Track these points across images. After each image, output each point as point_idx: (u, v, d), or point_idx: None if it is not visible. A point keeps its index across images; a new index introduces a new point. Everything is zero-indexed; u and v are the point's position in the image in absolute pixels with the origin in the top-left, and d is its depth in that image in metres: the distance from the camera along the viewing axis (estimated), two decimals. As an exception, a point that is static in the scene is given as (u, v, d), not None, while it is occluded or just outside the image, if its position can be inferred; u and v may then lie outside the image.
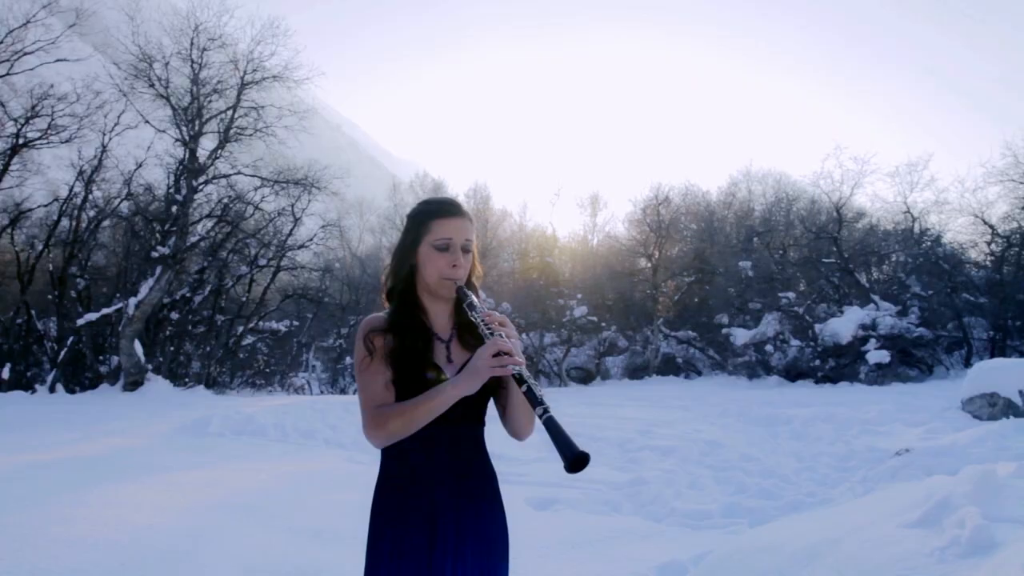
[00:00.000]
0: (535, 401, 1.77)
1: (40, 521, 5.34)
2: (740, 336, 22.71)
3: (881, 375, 19.88)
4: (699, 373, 25.72)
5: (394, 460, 2.04)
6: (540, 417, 1.75)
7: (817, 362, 21.20)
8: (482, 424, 2.11)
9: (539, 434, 6.77)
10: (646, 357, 26.54)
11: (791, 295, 22.51)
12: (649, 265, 27.71)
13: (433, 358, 2.03)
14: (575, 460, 1.66)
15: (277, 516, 5.84)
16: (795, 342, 21.90)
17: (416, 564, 1.94)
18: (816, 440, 10.56)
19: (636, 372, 26.27)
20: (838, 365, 20.90)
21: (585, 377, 26.70)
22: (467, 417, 2.04)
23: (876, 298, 21.55)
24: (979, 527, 2.71)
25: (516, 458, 8.85)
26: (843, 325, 20.68)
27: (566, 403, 15.83)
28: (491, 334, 1.90)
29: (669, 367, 26.03)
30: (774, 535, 4.21)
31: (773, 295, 22.84)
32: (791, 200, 28.29)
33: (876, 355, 19.74)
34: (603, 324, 26.80)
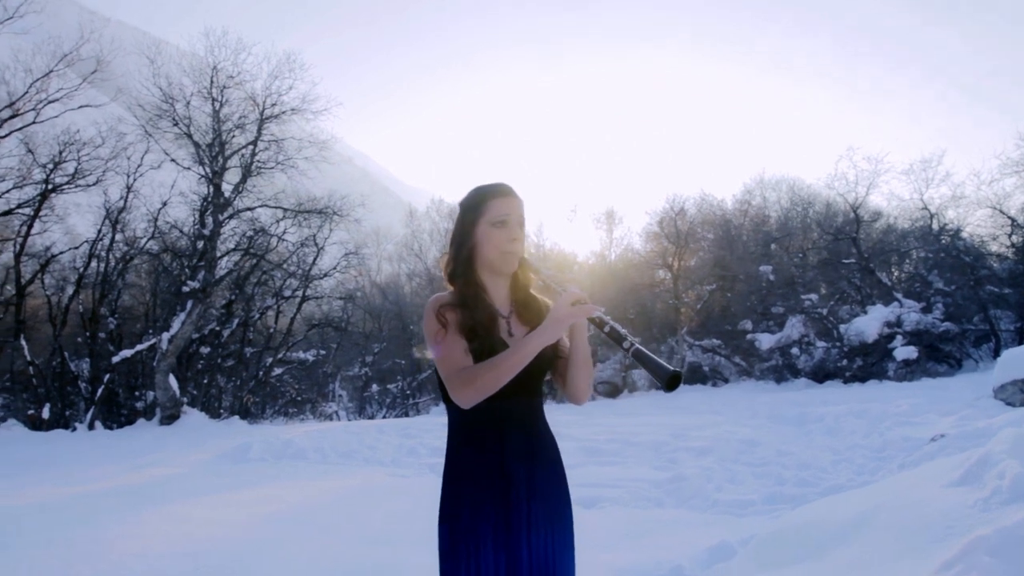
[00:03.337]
0: (620, 337, 1.92)
1: (105, 539, 5.55)
2: (765, 341, 22.73)
3: (910, 372, 19.84)
4: (726, 380, 25.67)
5: (471, 430, 2.17)
6: (628, 350, 1.90)
7: (844, 362, 21.17)
8: (541, 396, 2.26)
9: (572, 442, 6.94)
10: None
11: (814, 297, 22.54)
12: (669, 276, 27.81)
13: (498, 332, 2.19)
14: (671, 378, 1.81)
15: (330, 526, 6.02)
16: (821, 343, 21.89)
17: (495, 519, 2.09)
18: (850, 434, 10.60)
19: (663, 383, 26.26)
20: (866, 364, 20.87)
21: (612, 391, 26.71)
22: (527, 390, 2.19)
23: (899, 296, 21.54)
24: (1019, 475, 2.84)
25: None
26: (868, 324, 20.68)
27: (596, 416, 15.94)
28: (564, 289, 2.06)
29: (696, 376, 26.02)
30: (819, 511, 4.33)
31: (795, 298, 22.88)
32: (807, 204, 28.36)
33: (903, 351, 19.71)
34: (627, 337, 26.87)
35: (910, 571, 2.33)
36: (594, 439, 11.21)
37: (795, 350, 22.18)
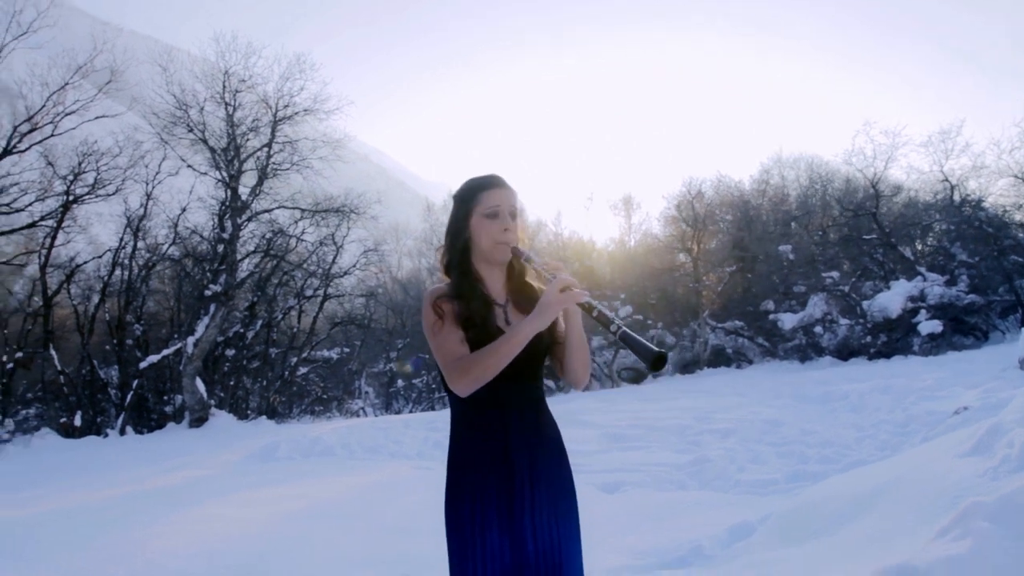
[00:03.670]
0: (607, 321, 1.97)
1: (138, 540, 5.68)
2: (788, 321, 22.64)
3: (935, 346, 19.69)
4: (750, 362, 25.61)
5: (471, 419, 2.23)
6: (615, 333, 1.95)
7: (868, 339, 21.04)
8: (541, 382, 2.32)
9: (595, 429, 6.99)
10: (695, 351, 26.53)
11: (835, 275, 22.40)
12: (689, 260, 27.73)
13: (494, 320, 2.24)
14: (656, 358, 1.85)
15: (355, 519, 6.11)
16: (844, 321, 21.76)
17: (497, 504, 2.15)
18: (875, 411, 10.58)
19: (687, 367, 26.26)
20: (890, 339, 20.73)
21: (636, 377, 26.74)
22: (527, 375, 2.25)
23: (922, 269, 21.35)
24: (1028, 443, 2.85)
25: (581, 451, 9.07)
26: (891, 299, 20.53)
27: (620, 402, 15.97)
28: (551, 275, 2.11)
29: (720, 359, 25.99)
30: (837, 486, 4.35)
31: (816, 276, 22.74)
32: (826, 181, 28.15)
33: (928, 325, 19.56)
34: (649, 322, 26.88)
35: (922, 541, 2.36)
36: (617, 425, 11.26)
37: (818, 328, 22.08)
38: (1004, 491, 2.13)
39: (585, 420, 12.19)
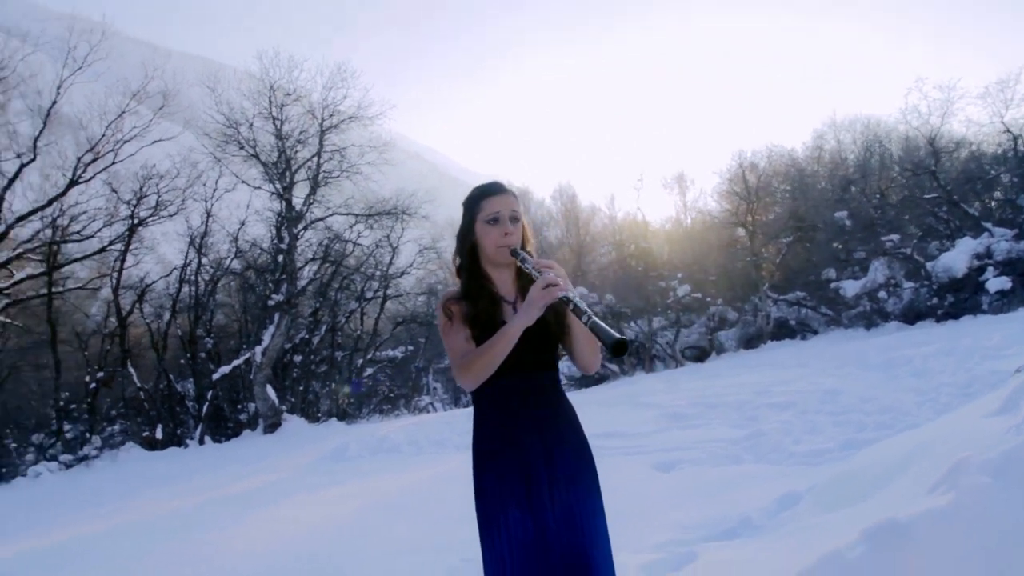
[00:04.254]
0: (580, 312, 2.12)
1: (219, 542, 6.03)
2: (850, 288, 22.24)
3: (1006, 303, 19.13)
4: (815, 332, 25.19)
5: (485, 410, 2.42)
6: (586, 323, 2.10)
7: (935, 300, 20.54)
8: (555, 370, 2.48)
9: (656, 410, 7.13)
10: (758, 325, 26.23)
11: (895, 238, 21.90)
12: (745, 233, 27.42)
13: (503, 317, 2.41)
14: (614, 344, 2.00)
15: (421, 509, 6.36)
16: (908, 284, 21.28)
17: (515, 484, 2.31)
18: (938, 374, 10.41)
19: (751, 342, 25.98)
20: (957, 300, 20.20)
21: (700, 355, 26.57)
22: (540, 364, 2.42)
23: (989, 225, 20.74)
24: (1050, 398, 2.90)
25: (638, 432, 9.20)
26: (956, 258, 20.02)
27: (682, 382, 15.97)
28: (539, 273, 2.26)
29: (783, 331, 25.64)
30: (879, 453, 4.40)
31: (877, 241, 22.27)
32: (883, 142, 27.50)
33: (996, 283, 19.02)
34: (708, 300, 26.70)
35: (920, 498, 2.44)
36: (677, 404, 11.32)
37: (882, 294, 21.63)
38: (1008, 446, 2.20)
39: (646, 401, 12.29)
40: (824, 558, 2.13)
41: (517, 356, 2.29)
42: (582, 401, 12.54)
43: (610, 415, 11.01)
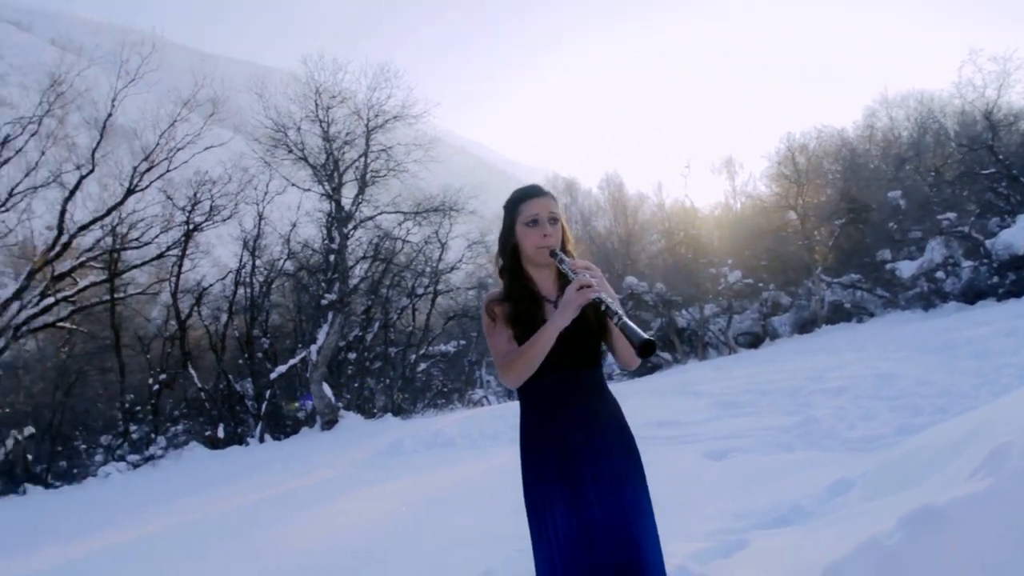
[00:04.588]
0: (612, 313, 2.17)
1: (280, 535, 6.23)
2: (906, 268, 21.76)
3: (1071, 279, 18.58)
4: (871, 314, 24.70)
5: (528, 408, 2.49)
6: (616, 324, 2.15)
7: (995, 279, 19.99)
8: (598, 366, 2.53)
9: (708, 398, 7.13)
10: (812, 309, 25.84)
11: (952, 216, 21.36)
12: (796, 216, 26.98)
13: (545, 316, 2.46)
14: (642, 345, 2.05)
15: (475, 501, 6.46)
16: (967, 263, 20.75)
17: (559, 479, 2.37)
18: (998, 355, 10.16)
19: (805, 326, 25.58)
20: (1019, 278, 19.62)
21: (754, 341, 26.28)
22: (581, 362, 2.47)
23: (1051, 199, 20.15)
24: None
25: (691, 421, 9.19)
26: (1017, 235, 19.45)
27: (735, 369, 15.85)
28: (575, 275, 2.32)
29: (839, 315, 25.19)
30: (931, 437, 4.35)
31: (933, 220, 21.74)
32: (937, 117, 26.82)
33: (1060, 258, 18.47)
34: (760, 285, 26.39)
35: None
36: (729, 392, 11.26)
37: (940, 274, 21.11)
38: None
39: (699, 390, 12.23)
40: (861, 545, 2.14)
41: (558, 355, 2.35)
42: (634, 390, 12.56)
43: (662, 404, 11.00)
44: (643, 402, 11.40)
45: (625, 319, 2.14)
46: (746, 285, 26.07)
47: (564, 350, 2.36)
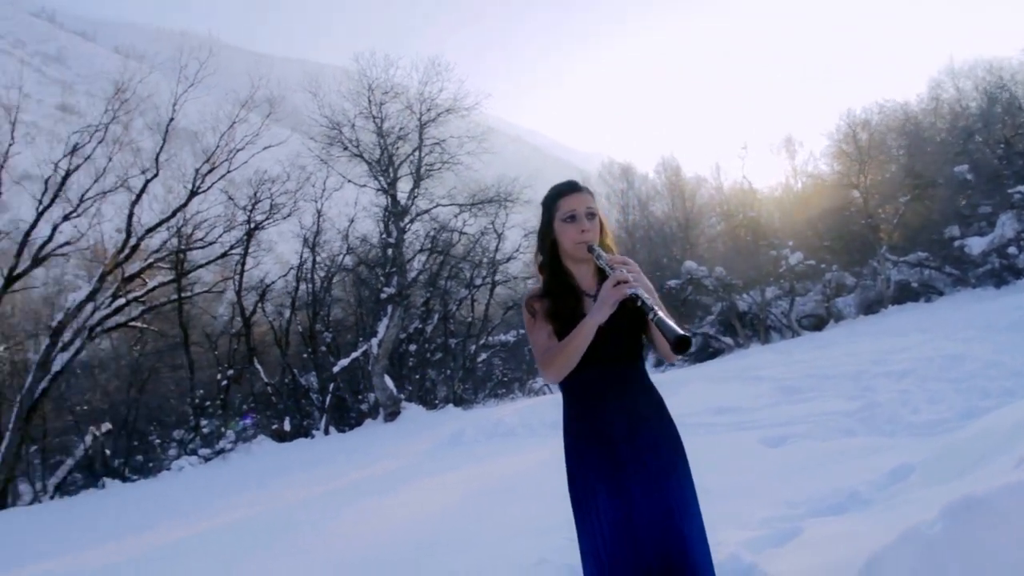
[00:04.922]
0: (647, 309, 2.18)
1: (345, 526, 6.40)
2: (976, 245, 21.12)
3: None
4: (940, 293, 24.01)
5: (570, 402, 2.51)
6: (652, 320, 2.16)
7: (1072, 253, 19.30)
8: (639, 360, 2.54)
9: (768, 383, 7.07)
10: (878, 289, 25.20)
11: (1023, 189, 20.62)
12: (859, 194, 26.31)
13: (584, 310, 2.48)
14: (677, 341, 2.06)
15: (534, 492, 6.50)
16: (1041, 237, 20.05)
17: (600, 470, 2.40)
18: (1074, 333, 9.85)
19: (871, 307, 24.98)
20: (1097, 250, 18.93)
21: (817, 323, 25.79)
22: (620, 356, 2.48)
23: None
24: None
25: (749, 408, 9.11)
26: (1094, 206, 18.73)
27: (797, 353, 15.60)
28: (612, 270, 2.34)
29: (906, 294, 24.53)
30: (992, 422, 4.26)
31: (1003, 193, 21.02)
32: (1007, 86, 25.79)
33: None
34: (823, 266, 25.85)
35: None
36: (790, 377, 11.10)
37: (1012, 249, 20.42)
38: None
39: (760, 375, 12.07)
40: (904, 535, 2.12)
41: (597, 350, 2.38)
42: (694, 376, 12.47)
43: (721, 390, 10.90)
44: (703, 388, 11.33)
45: (660, 314, 2.16)
46: (808, 266, 25.56)
47: (603, 345, 2.38)
